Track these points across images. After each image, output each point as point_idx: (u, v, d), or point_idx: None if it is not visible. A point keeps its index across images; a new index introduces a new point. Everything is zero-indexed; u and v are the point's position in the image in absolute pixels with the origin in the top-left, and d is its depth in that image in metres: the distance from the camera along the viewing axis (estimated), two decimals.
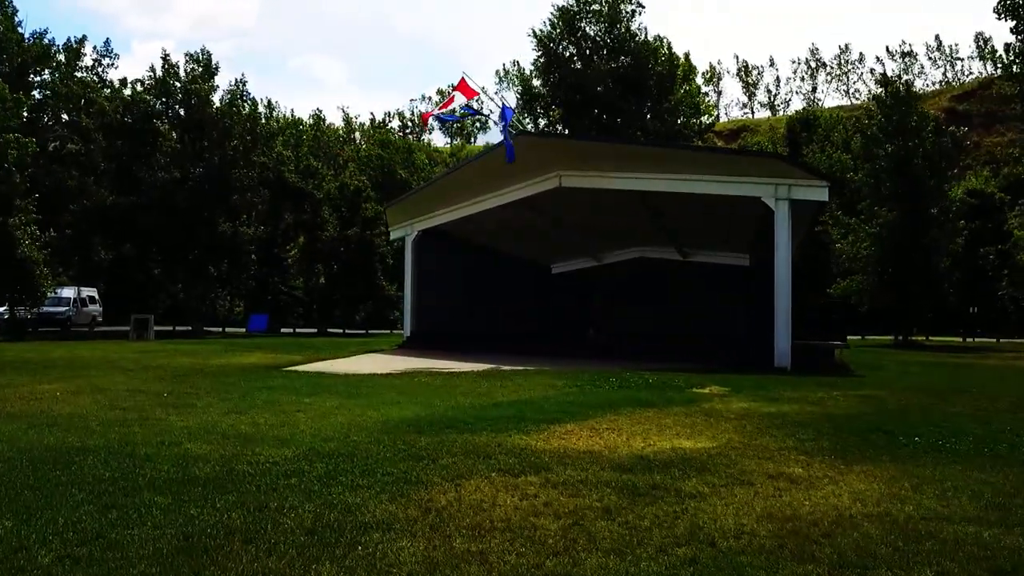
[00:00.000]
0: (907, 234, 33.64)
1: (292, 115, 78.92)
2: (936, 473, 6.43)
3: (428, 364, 18.10)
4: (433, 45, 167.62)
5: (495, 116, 21.82)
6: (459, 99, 21.47)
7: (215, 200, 43.41)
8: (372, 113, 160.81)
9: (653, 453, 7.28)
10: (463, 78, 20.41)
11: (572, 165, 21.79)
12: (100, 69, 49.54)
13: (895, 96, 35.90)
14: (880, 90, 38.44)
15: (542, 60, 50.36)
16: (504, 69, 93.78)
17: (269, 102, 79.73)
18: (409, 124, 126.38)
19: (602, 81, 48.47)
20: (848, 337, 36.51)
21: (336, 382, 13.80)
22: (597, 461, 6.90)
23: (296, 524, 4.91)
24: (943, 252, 35.40)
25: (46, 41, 43.92)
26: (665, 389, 12.50)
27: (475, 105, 28.72)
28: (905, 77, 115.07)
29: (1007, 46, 18.91)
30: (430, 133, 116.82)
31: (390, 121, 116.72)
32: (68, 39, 57.30)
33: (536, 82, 52.77)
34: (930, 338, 40.61)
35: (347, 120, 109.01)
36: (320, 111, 74.98)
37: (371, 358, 20.88)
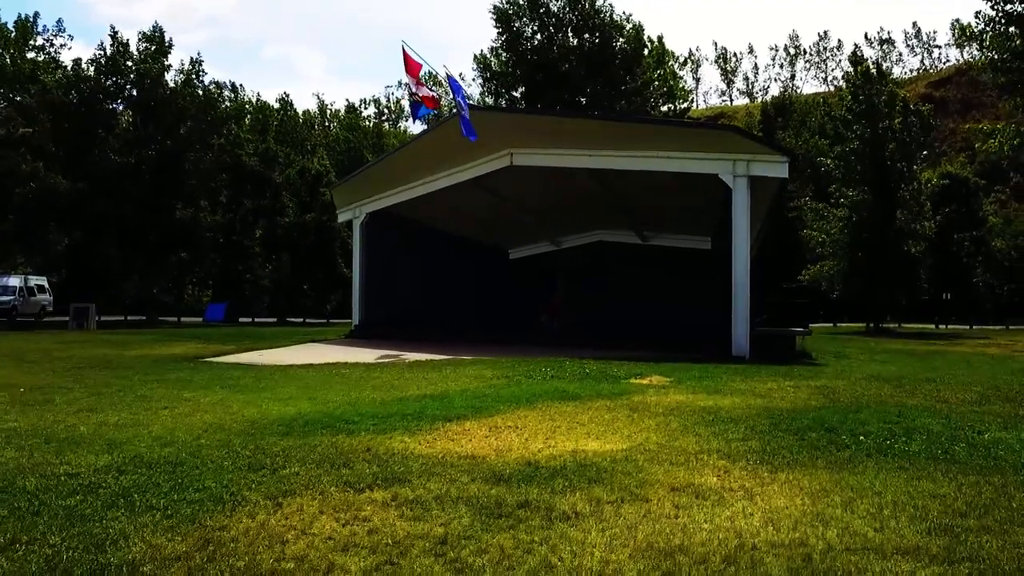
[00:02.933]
0: (877, 217, 32.69)
1: (258, 99, 76.63)
2: (876, 483, 5.28)
3: (362, 354, 16.85)
4: (413, 33, 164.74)
5: (449, 95, 20.17)
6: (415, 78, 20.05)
7: (170, 185, 41.70)
8: (347, 99, 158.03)
9: (547, 458, 6.10)
10: (404, 50, 18.96)
11: (524, 142, 20.53)
12: (52, 50, 47.44)
13: (864, 76, 34.82)
14: (851, 69, 37.24)
15: (503, 37, 48.52)
16: (482, 54, 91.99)
17: (233, 85, 77.30)
18: (385, 111, 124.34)
19: (566, 59, 46.85)
20: (819, 324, 35.70)
21: (244, 374, 12.52)
22: (474, 469, 5.71)
23: (13, 568, 3.67)
24: (915, 237, 34.50)
25: None
26: (600, 380, 11.33)
27: (428, 85, 27.32)
28: (884, 65, 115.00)
29: (977, 14, 17.87)
30: (413, 121, 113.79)
31: (365, 108, 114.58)
32: (19, 16, 55.04)
33: (497, 59, 50.46)
34: (902, 325, 39.86)
35: (321, 107, 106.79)
36: (287, 95, 72.72)
37: (308, 348, 19.60)
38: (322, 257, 44.41)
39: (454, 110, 18.55)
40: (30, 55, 46.28)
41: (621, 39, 48.65)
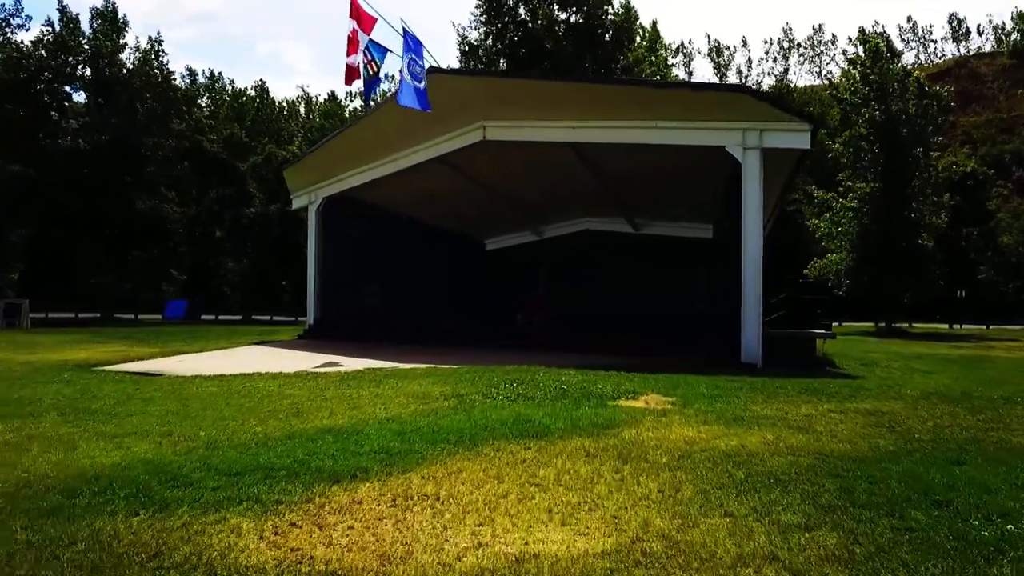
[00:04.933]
0: (889, 208, 29.99)
1: (232, 86, 73.38)
2: None
3: (297, 361, 14.09)
4: (412, 30, 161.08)
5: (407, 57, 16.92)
6: (364, 38, 17.13)
7: (129, 171, 38.59)
8: (332, 91, 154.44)
9: None
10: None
11: (499, 113, 17.69)
12: (9, 31, 44.27)
13: (874, 54, 31.96)
14: (859, 48, 34.43)
15: (481, 9, 45.26)
16: (468, 42, 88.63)
17: (212, 73, 74.13)
18: (372, 104, 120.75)
19: (552, 33, 43.73)
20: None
21: (120, 391, 9.68)
22: None
23: None
24: (928, 229, 31.85)
25: None
26: (579, 401, 8.55)
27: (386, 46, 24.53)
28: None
29: None
30: (354, 99, 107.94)
31: (351, 101, 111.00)
32: None
33: (477, 32, 47.00)
34: (914, 325, 37.28)
35: (307, 99, 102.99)
36: (263, 81, 69.17)
37: (242, 352, 16.77)
38: (288, 250, 41.36)
39: (407, 71, 15.58)
40: None
41: (610, 13, 45.54)
